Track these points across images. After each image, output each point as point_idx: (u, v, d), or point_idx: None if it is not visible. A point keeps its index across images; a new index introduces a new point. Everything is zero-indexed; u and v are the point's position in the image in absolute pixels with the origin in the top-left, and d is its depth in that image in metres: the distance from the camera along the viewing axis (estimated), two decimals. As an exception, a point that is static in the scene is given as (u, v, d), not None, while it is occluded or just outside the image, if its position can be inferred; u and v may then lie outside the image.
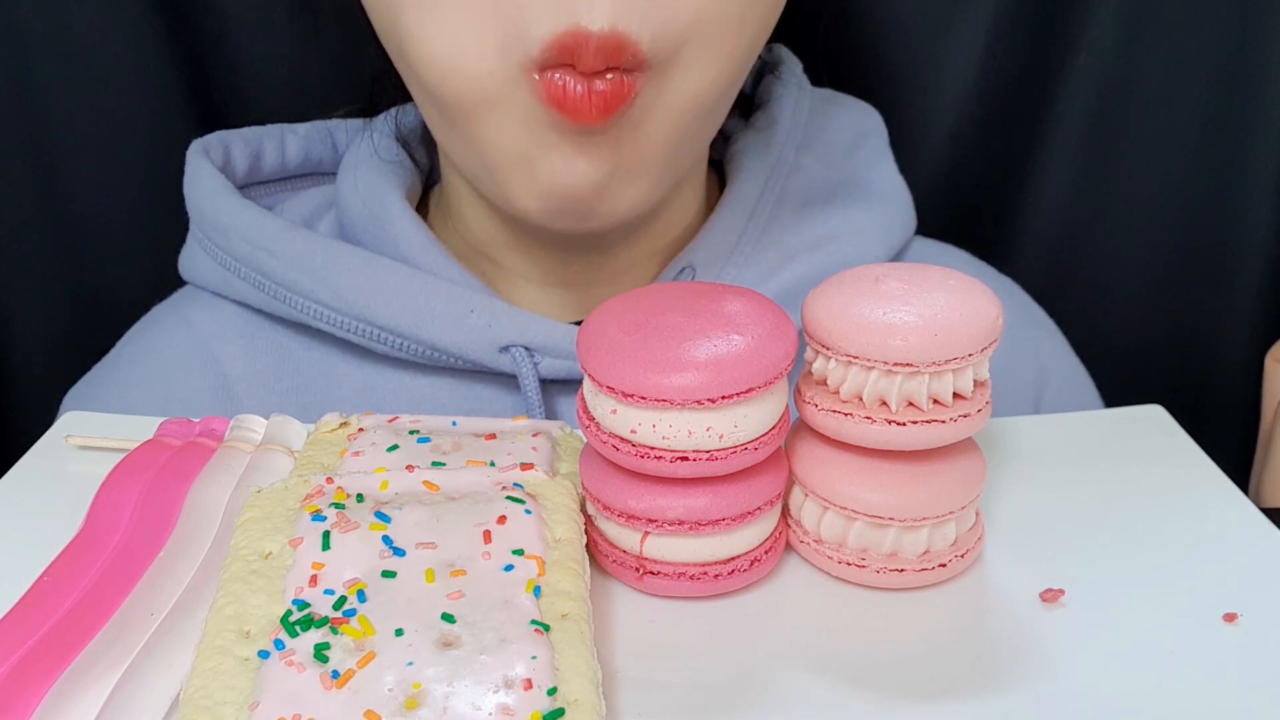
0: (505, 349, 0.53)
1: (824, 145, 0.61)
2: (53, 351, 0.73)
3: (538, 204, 0.48)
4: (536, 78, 0.44)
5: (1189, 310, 0.76)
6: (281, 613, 0.35)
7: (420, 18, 0.45)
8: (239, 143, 0.60)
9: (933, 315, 0.39)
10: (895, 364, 0.38)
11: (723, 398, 0.38)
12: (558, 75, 0.43)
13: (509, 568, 0.37)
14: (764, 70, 0.62)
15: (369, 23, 0.50)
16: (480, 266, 0.57)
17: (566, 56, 0.43)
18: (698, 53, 0.45)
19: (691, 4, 0.44)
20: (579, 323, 0.52)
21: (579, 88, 0.43)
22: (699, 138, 0.50)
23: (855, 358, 0.39)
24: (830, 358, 0.40)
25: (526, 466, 0.42)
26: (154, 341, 0.59)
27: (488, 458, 0.43)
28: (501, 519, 0.39)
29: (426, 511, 0.39)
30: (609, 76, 0.43)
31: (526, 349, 0.53)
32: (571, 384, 0.54)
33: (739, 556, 0.41)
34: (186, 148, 0.59)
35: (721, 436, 0.38)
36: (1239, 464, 0.76)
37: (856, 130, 0.63)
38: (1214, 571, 0.41)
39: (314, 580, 0.36)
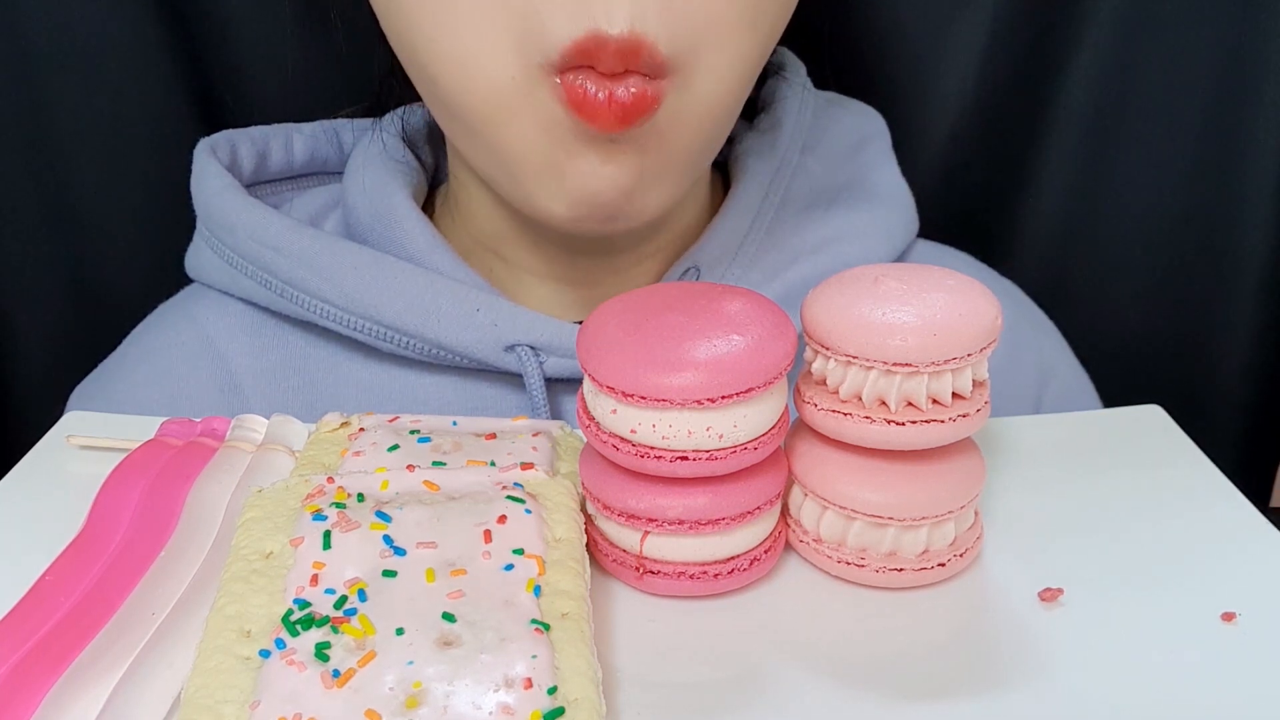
0: (511, 348, 0.53)
1: (827, 147, 0.62)
2: (56, 351, 0.73)
3: (565, 210, 0.47)
4: (558, 81, 0.44)
5: (1188, 310, 0.76)
6: (282, 612, 0.35)
7: (436, 22, 0.45)
8: (245, 142, 0.60)
9: (932, 315, 0.39)
10: (894, 364, 0.38)
11: (722, 398, 0.38)
12: (578, 78, 0.43)
13: (509, 567, 0.37)
14: (768, 73, 0.62)
15: (375, 23, 0.50)
16: (487, 264, 0.57)
17: (586, 59, 0.43)
18: (715, 55, 0.45)
19: (705, 5, 0.44)
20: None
21: (600, 94, 0.43)
22: (719, 137, 0.51)
23: (854, 358, 0.39)
24: (830, 358, 0.40)
25: (527, 466, 0.42)
26: (160, 339, 0.60)
27: (488, 457, 0.44)
28: (502, 518, 0.39)
29: (427, 511, 0.39)
30: (632, 88, 0.43)
31: (532, 348, 0.53)
32: (576, 383, 0.54)
33: (739, 556, 0.41)
34: (190, 147, 0.59)
35: (721, 436, 0.38)
36: (1237, 464, 0.76)
37: (860, 133, 0.63)
38: (1212, 571, 0.41)
39: (315, 579, 0.36)
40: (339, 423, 0.46)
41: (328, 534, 0.38)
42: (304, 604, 0.36)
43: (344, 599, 0.36)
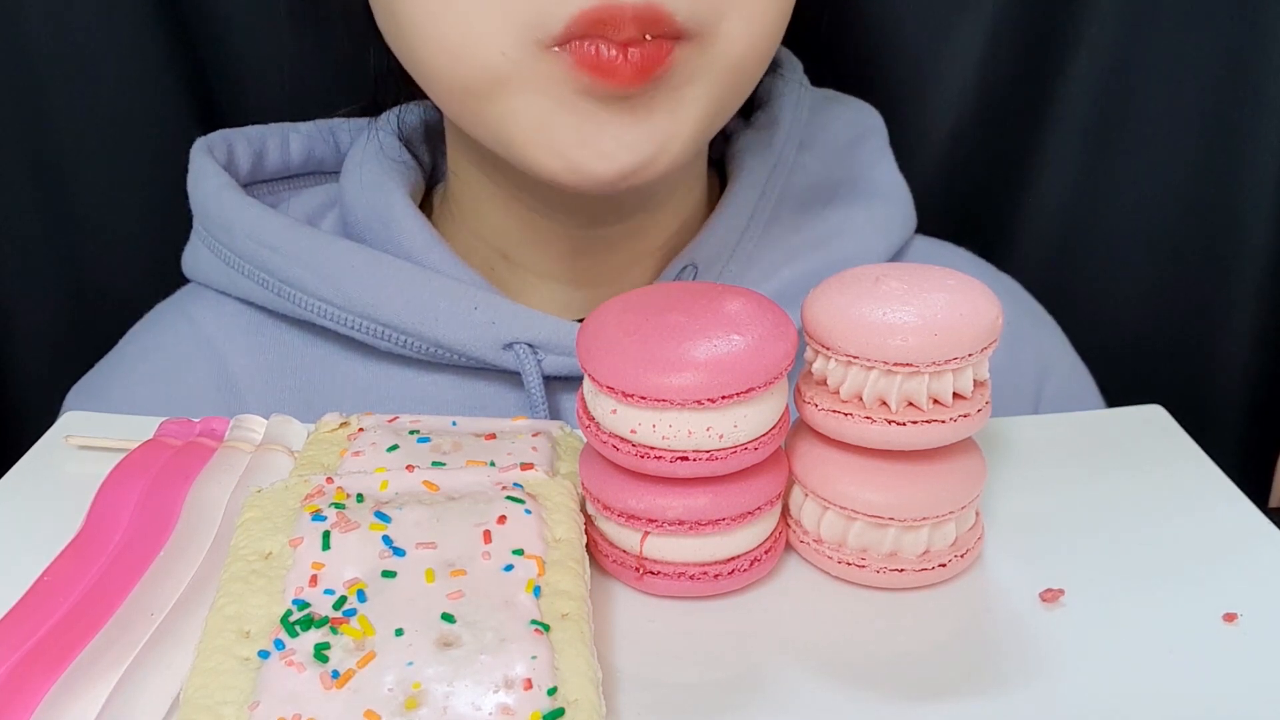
0: (509, 346, 0.53)
1: (825, 144, 0.62)
2: (54, 351, 0.73)
3: (572, 172, 0.46)
4: (558, 50, 0.43)
5: (1189, 310, 0.76)
6: (282, 612, 0.35)
7: (426, 4, 0.45)
8: (242, 141, 0.60)
9: (932, 315, 0.39)
10: (895, 364, 0.38)
11: (722, 398, 0.38)
12: (588, 43, 0.43)
13: (509, 568, 0.37)
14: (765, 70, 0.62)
15: (371, 22, 0.50)
16: (488, 263, 0.57)
17: (597, 29, 0.42)
18: (735, 21, 0.45)
19: None
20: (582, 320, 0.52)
21: (612, 51, 0.43)
22: (734, 102, 0.50)
23: (855, 358, 0.39)
24: (830, 358, 0.40)
25: (526, 466, 0.42)
26: (158, 339, 0.60)
27: (488, 457, 0.43)
28: (501, 519, 0.39)
29: (426, 511, 0.39)
30: (648, 39, 0.43)
31: (530, 346, 0.53)
32: (575, 381, 0.54)
33: (739, 556, 0.41)
34: (187, 147, 0.59)
35: (721, 436, 0.38)
36: (1239, 464, 0.76)
37: (857, 129, 0.63)
38: (1214, 571, 0.41)
39: (314, 580, 0.36)
40: (338, 423, 0.46)
41: (327, 534, 0.38)
42: (303, 604, 0.35)
43: (343, 599, 0.36)
